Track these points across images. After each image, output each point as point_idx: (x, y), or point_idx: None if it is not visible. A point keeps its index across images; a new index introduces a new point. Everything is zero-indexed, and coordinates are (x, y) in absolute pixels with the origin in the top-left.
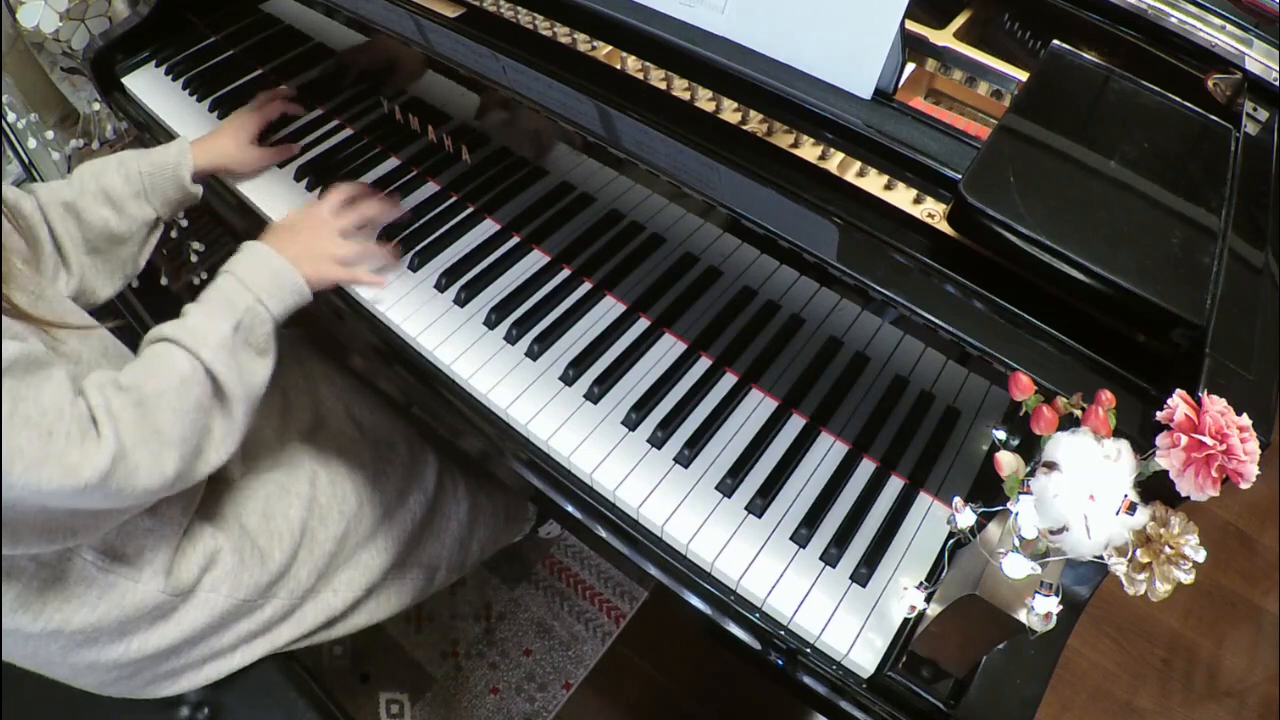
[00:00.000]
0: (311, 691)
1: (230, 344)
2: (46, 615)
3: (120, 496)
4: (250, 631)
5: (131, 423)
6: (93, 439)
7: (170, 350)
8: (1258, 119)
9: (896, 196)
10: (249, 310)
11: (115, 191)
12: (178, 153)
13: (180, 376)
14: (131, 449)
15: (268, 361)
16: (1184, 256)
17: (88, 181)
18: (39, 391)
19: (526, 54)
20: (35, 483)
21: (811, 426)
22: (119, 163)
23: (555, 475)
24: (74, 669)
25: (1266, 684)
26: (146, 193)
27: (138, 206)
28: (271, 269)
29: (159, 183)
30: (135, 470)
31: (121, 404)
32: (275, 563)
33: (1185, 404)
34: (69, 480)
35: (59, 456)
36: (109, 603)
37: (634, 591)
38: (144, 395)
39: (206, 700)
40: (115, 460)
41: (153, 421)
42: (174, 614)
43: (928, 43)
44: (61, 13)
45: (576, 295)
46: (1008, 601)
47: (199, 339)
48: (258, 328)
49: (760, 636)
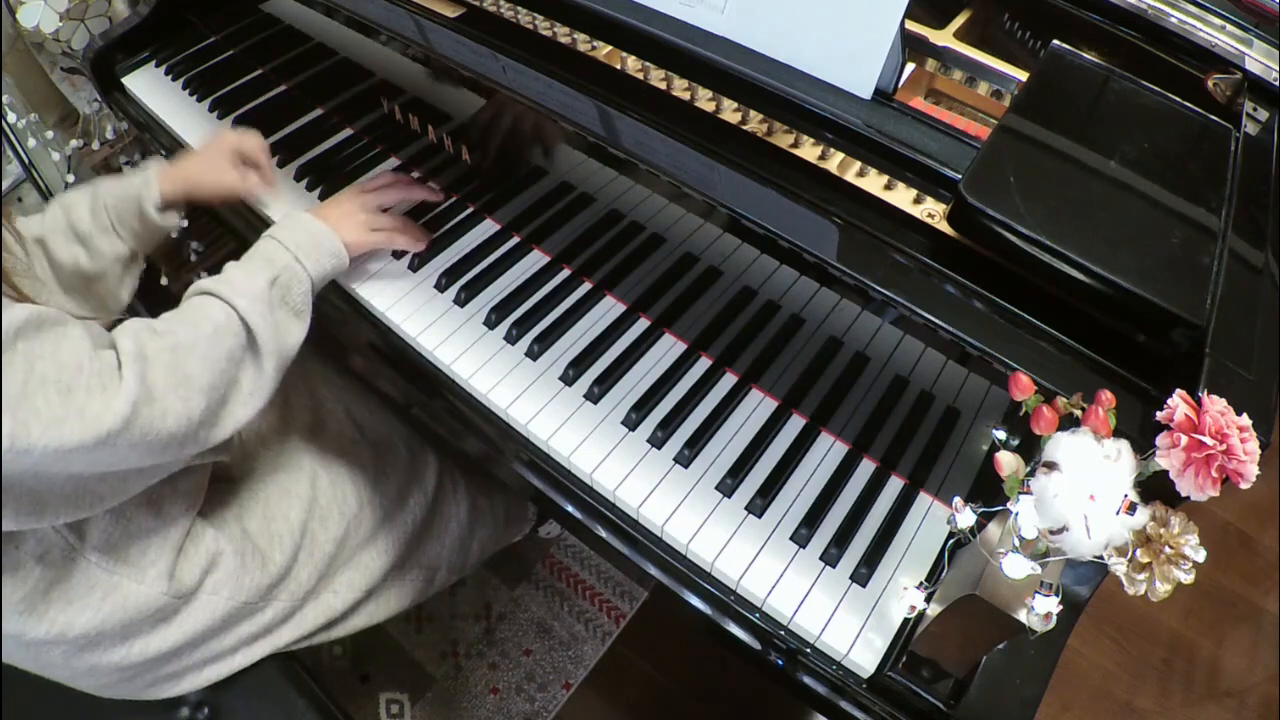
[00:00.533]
0: (311, 691)
1: (267, 297)
2: (50, 618)
3: (146, 446)
4: (251, 634)
5: (163, 365)
6: (115, 385)
7: (206, 301)
8: (1258, 119)
9: (896, 196)
10: (287, 268)
11: (82, 227)
12: (141, 182)
13: (215, 324)
14: (161, 393)
15: (303, 324)
16: (1184, 256)
17: (57, 217)
18: (55, 348)
19: (526, 54)
20: (57, 441)
21: (811, 426)
22: (90, 195)
23: (555, 475)
24: (75, 672)
25: (1266, 684)
26: (114, 226)
27: (107, 242)
28: (310, 231)
29: (124, 215)
30: (164, 414)
31: (156, 348)
32: (276, 565)
33: (1185, 404)
34: (91, 430)
35: (80, 410)
36: (112, 605)
37: (634, 591)
38: (178, 340)
39: (206, 700)
40: (138, 404)
41: (184, 366)
42: (175, 616)
43: (928, 43)
44: (61, 13)
45: (576, 295)
46: (1008, 601)
47: (235, 289)
48: (295, 286)
49: (760, 636)
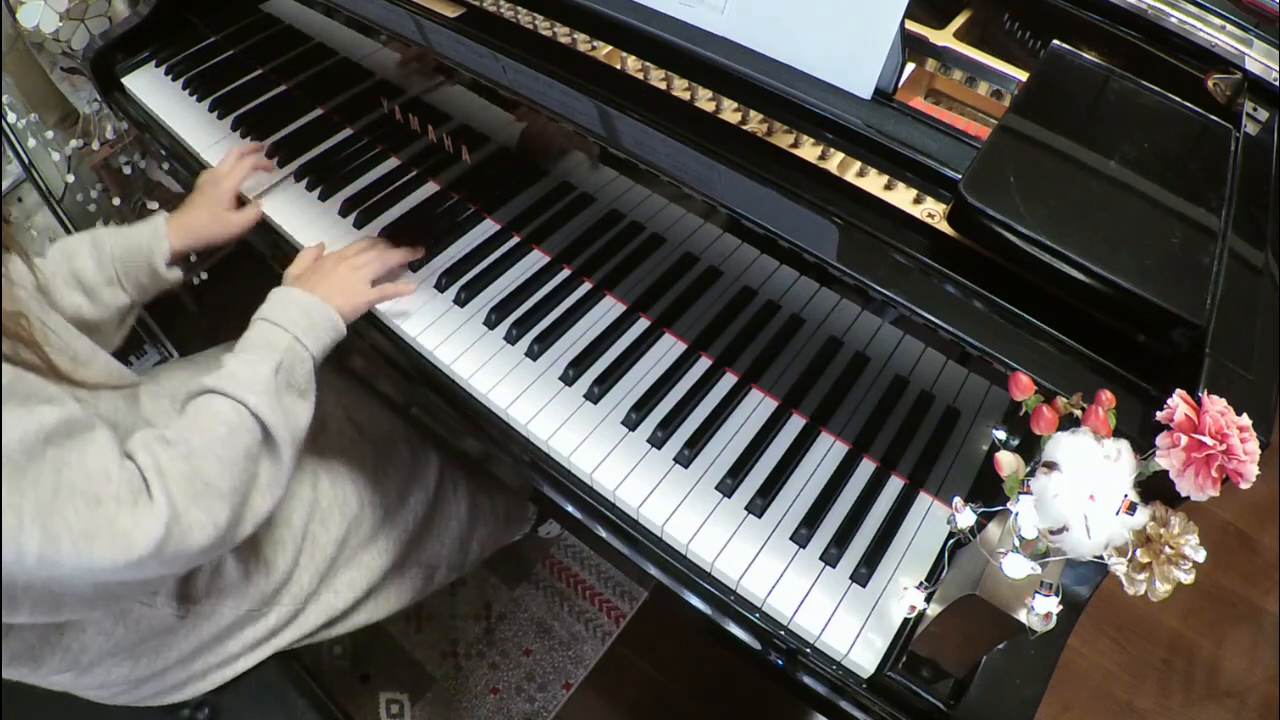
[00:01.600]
0: (311, 691)
1: (273, 387)
2: (64, 646)
3: (175, 562)
4: (255, 639)
5: (182, 477)
6: (145, 503)
7: (215, 400)
8: (1258, 119)
9: (896, 196)
10: (288, 350)
11: (87, 277)
12: (151, 236)
13: (228, 425)
14: (184, 508)
15: (309, 403)
16: (1184, 256)
17: (59, 263)
18: (82, 456)
19: (526, 54)
20: (87, 559)
21: (811, 426)
22: (92, 244)
23: (555, 475)
24: (83, 686)
25: (1266, 684)
26: (120, 278)
27: (111, 293)
28: (303, 307)
29: (132, 269)
30: (190, 530)
31: (170, 458)
32: (279, 571)
33: (1185, 404)
34: (122, 553)
35: (109, 524)
36: (124, 629)
37: (634, 591)
38: (192, 448)
39: (207, 701)
40: (170, 524)
41: (203, 474)
42: (182, 630)
43: (928, 43)
44: (61, 13)
45: (576, 295)
46: (1008, 601)
47: (242, 385)
48: (298, 367)
49: (760, 636)
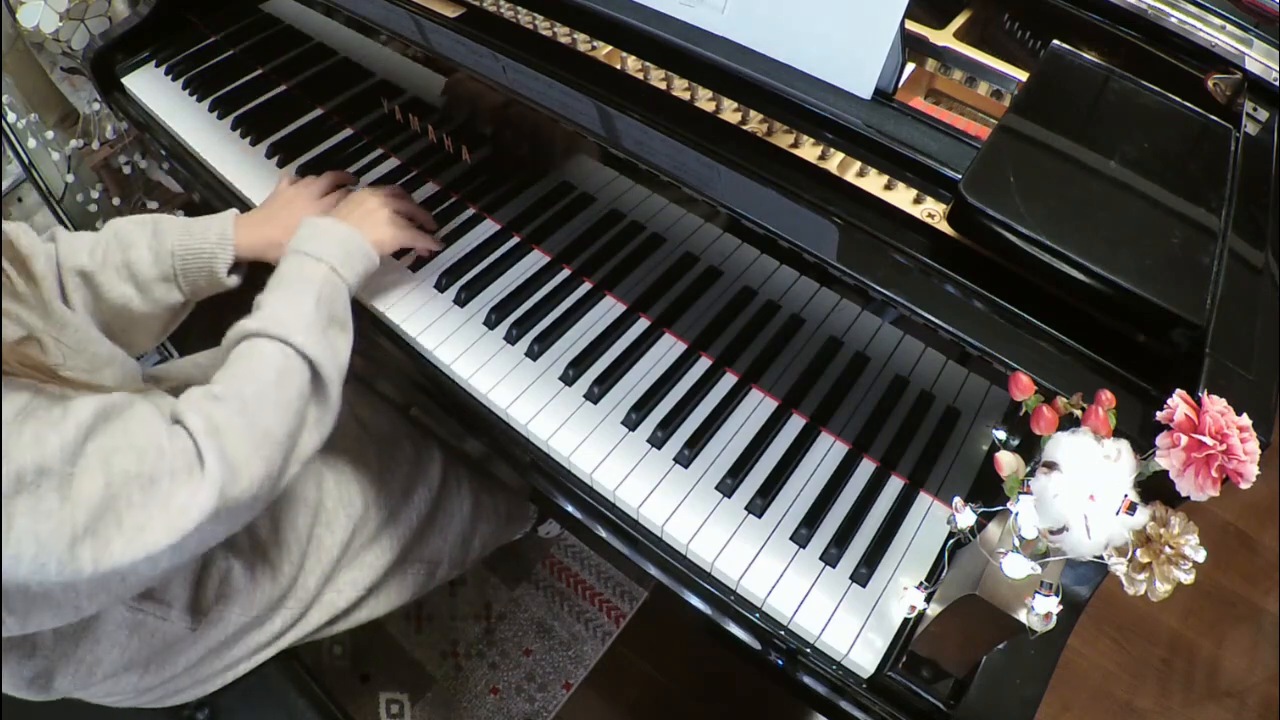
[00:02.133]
0: (311, 691)
1: (317, 323)
2: (78, 658)
3: (234, 518)
4: (260, 644)
5: (239, 431)
6: (198, 472)
7: (259, 344)
8: (1258, 119)
9: (896, 196)
10: (325, 280)
11: (141, 270)
12: (218, 240)
13: (277, 369)
14: (245, 463)
15: (349, 335)
16: (1184, 256)
17: (112, 251)
18: (128, 435)
19: (526, 54)
20: (143, 551)
21: (811, 426)
22: (153, 234)
23: (555, 475)
24: (92, 695)
25: (1266, 684)
26: (176, 277)
27: (164, 290)
28: (337, 237)
29: (190, 269)
30: (250, 484)
31: (226, 415)
32: (285, 576)
33: (1185, 404)
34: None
35: (163, 504)
36: (139, 641)
37: (634, 591)
38: (245, 400)
39: (207, 701)
40: (224, 487)
41: (260, 424)
42: (190, 639)
43: (928, 43)
44: (61, 13)
45: (576, 295)
46: (1008, 601)
47: (285, 325)
48: (337, 299)
49: (760, 636)
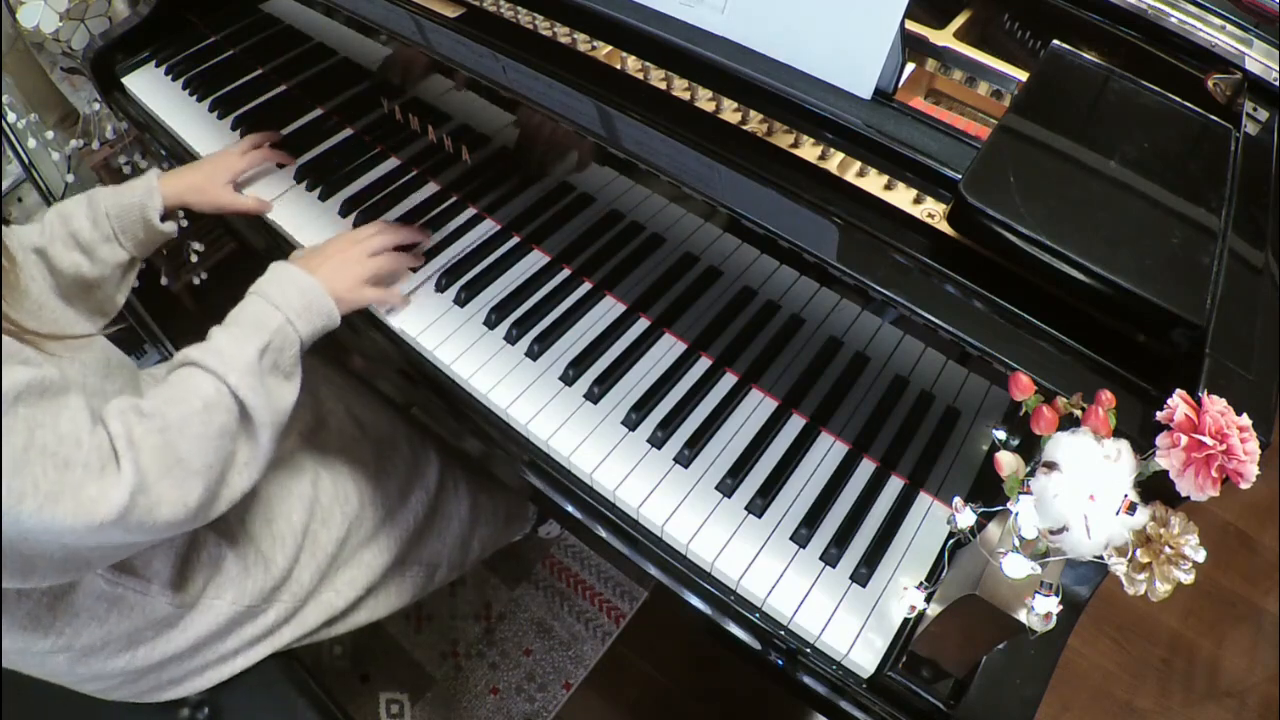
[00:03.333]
0: (311, 691)
1: (257, 368)
2: (56, 630)
3: (140, 531)
4: (254, 635)
5: (154, 450)
6: (112, 471)
7: (195, 374)
8: (1258, 119)
9: (896, 196)
10: (278, 331)
11: (84, 236)
12: (144, 191)
13: (205, 401)
14: (154, 480)
15: (294, 385)
16: (1184, 256)
17: (56, 227)
18: (55, 419)
19: (526, 54)
20: (49, 520)
21: (811, 426)
22: (88, 203)
23: (555, 475)
24: (79, 677)
25: (1266, 684)
26: (116, 235)
27: (109, 250)
28: (300, 288)
29: (127, 224)
30: (157, 503)
31: (144, 431)
32: (278, 567)
33: (1185, 404)
34: (84, 518)
35: (75, 490)
36: (118, 616)
37: (634, 591)
38: (167, 422)
39: (207, 700)
40: (134, 494)
41: (176, 449)
42: (179, 623)
43: (928, 43)
44: (61, 13)
45: (576, 295)
46: (1008, 601)
47: (225, 362)
48: (286, 350)
49: (760, 636)
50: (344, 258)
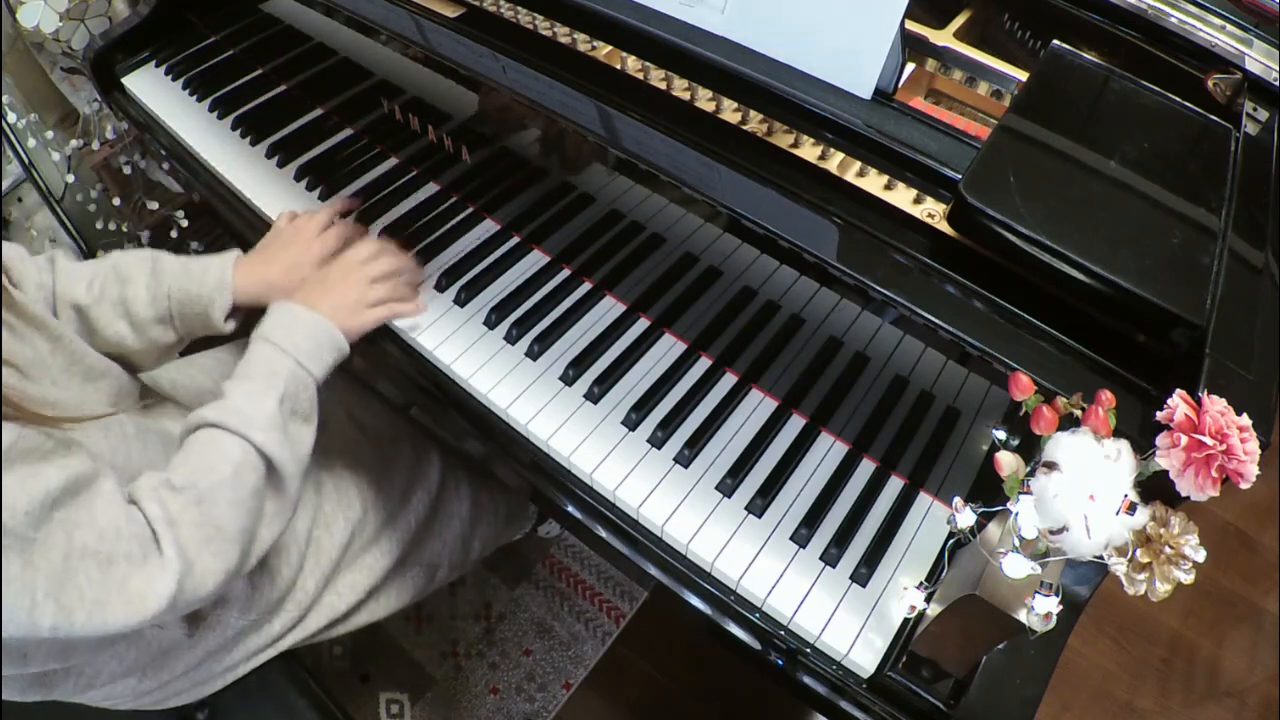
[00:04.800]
0: (311, 691)
1: (279, 420)
2: (78, 669)
3: (187, 608)
4: (259, 646)
5: (193, 525)
6: (155, 557)
7: (218, 437)
8: (1258, 119)
9: (896, 196)
10: (291, 376)
11: (138, 310)
12: (216, 285)
13: (233, 465)
14: (195, 557)
15: (313, 426)
16: (1184, 256)
17: (110, 286)
18: (91, 513)
19: (526, 54)
20: (100, 625)
21: (811, 426)
22: (151, 274)
23: (555, 475)
24: (89, 699)
25: (1266, 684)
26: (172, 319)
27: (159, 331)
28: (307, 328)
29: (187, 313)
30: (202, 579)
31: (181, 506)
32: (284, 579)
33: (1185, 404)
34: (136, 615)
35: (121, 587)
36: (137, 651)
37: (634, 591)
38: (201, 493)
39: (207, 701)
40: (181, 578)
41: (213, 519)
42: (188, 644)
43: (928, 43)
44: (61, 13)
45: (576, 295)
46: (1008, 601)
47: (247, 421)
48: (302, 394)
49: (760, 636)
50: (346, 285)
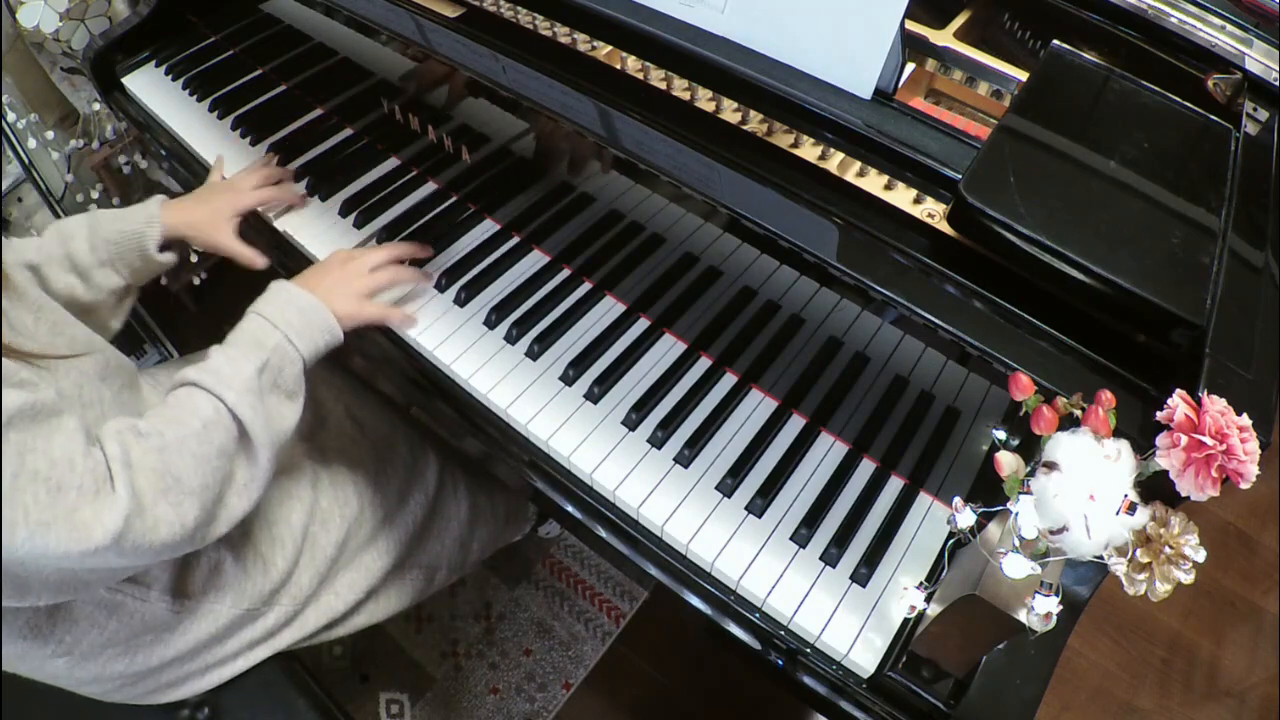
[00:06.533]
0: (311, 691)
1: (256, 386)
2: (56, 638)
3: (136, 554)
4: (253, 639)
5: (151, 470)
6: (106, 494)
7: (193, 394)
8: (1258, 119)
9: (896, 196)
10: (277, 349)
11: (80, 259)
12: (145, 220)
13: (203, 421)
14: (150, 502)
15: (296, 405)
16: (1184, 256)
17: (54, 246)
18: (48, 442)
19: (526, 54)
20: (41, 546)
21: (811, 426)
22: (88, 227)
23: (555, 475)
24: (78, 680)
25: (1266, 684)
26: (113, 261)
27: (104, 276)
28: (299, 306)
29: (124, 252)
30: (154, 526)
31: (141, 451)
32: (278, 570)
33: (1185, 404)
34: (77, 543)
35: (68, 515)
36: (118, 621)
37: (634, 591)
38: (165, 442)
39: (207, 701)
40: (129, 517)
41: (173, 469)
42: (179, 627)
43: (928, 43)
44: (61, 13)
45: (576, 295)
46: (1008, 601)
47: (223, 381)
48: (286, 368)
49: (760, 636)
50: (344, 272)
